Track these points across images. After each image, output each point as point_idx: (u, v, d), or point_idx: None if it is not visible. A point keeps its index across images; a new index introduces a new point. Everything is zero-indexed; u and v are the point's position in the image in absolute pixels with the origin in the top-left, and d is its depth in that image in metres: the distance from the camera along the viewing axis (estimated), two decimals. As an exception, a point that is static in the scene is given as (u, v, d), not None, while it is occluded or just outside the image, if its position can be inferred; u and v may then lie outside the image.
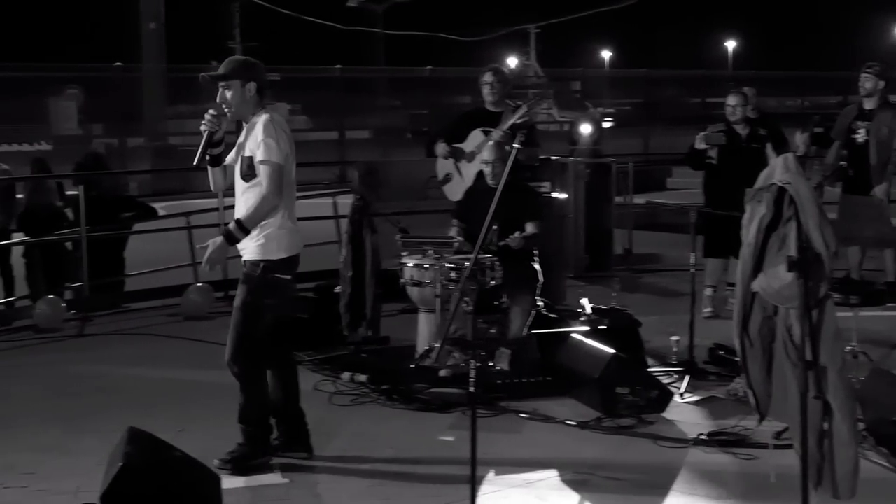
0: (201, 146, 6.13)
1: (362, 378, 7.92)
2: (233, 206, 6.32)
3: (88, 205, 11.17)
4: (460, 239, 8.14)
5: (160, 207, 13.05)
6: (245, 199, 6.14)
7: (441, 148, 9.54)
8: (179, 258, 11.88)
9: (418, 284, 8.02)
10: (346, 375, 8.07)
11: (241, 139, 6.25)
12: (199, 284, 11.14)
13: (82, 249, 11.20)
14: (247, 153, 6.12)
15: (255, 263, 6.14)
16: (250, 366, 6.22)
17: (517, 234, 8.11)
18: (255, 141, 6.05)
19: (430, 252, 8.02)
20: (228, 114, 6.16)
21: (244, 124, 6.25)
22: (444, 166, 9.64)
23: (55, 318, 10.39)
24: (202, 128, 6.08)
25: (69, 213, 12.20)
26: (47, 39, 58.89)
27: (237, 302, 6.21)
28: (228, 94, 6.15)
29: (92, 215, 11.28)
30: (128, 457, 5.11)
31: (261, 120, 6.10)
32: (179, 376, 8.41)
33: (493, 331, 8.01)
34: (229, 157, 6.37)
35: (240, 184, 6.21)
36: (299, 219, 6.35)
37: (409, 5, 44.28)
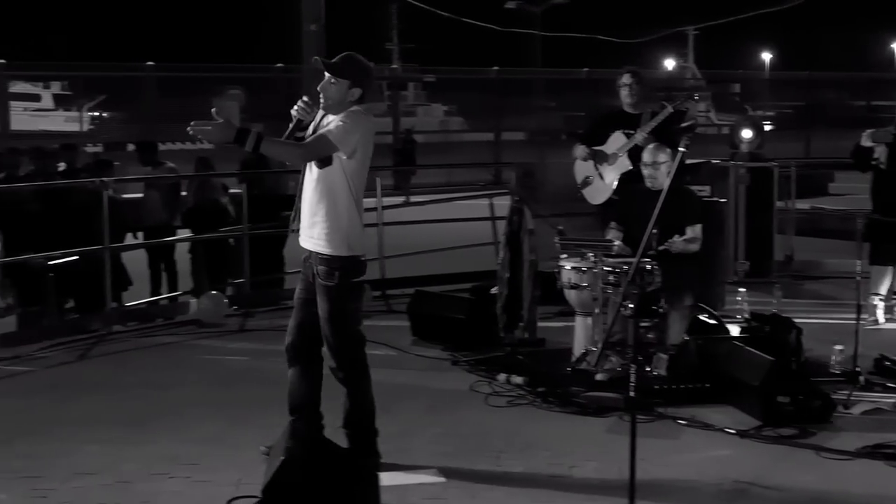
0: (288, 132, 6.00)
1: (518, 380, 7.90)
2: (390, 206, 6.33)
3: (250, 203, 11.43)
4: (619, 242, 8.06)
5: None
6: (317, 186, 5.95)
7: (580, 150, 9.47)
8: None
9: (576, 287, 7.97)
10: (502, 377, 8.06)
11: (319, 122, 6.04)
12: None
13: (244, 246, 11.46)
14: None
15: (329, 272, 5.92)
16: (358, 369, 6.13)
17: (677, 237, 8.00)
18: (334, 121, 5.90)
19: (589, 255, 7.95)
20: (323, 106, 6.00)
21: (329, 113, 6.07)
22: (582, 169, 9.56)
23: (217, 313, 10.65)
24: (293, 113, 5.95)
25: (232, 210, 12.51)
26: (212, 40, 60.48)
27: (323, 314, 6.00)
28: (332, 89, 5.95)
29: (254, 213, 11.54)
30: (290, 451, 5.21)
31: (346, 111, 5.94)
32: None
33: (651, 335, 7.93)
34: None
35: (311, 171, 6.01)
36: (456, 219, 6.36)
37: (567, 7, 44.08)
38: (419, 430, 6.94)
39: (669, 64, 54.33)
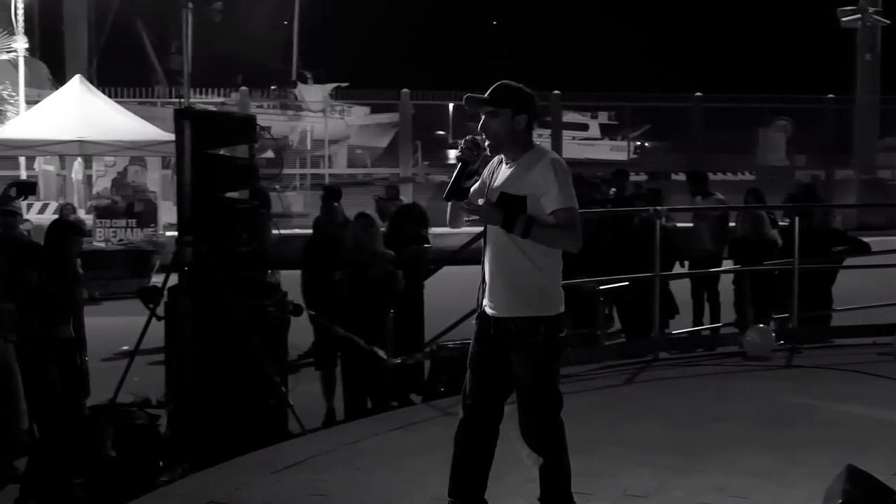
0: (454, 177, 5.49)
1: None
2: None
3: (799, 236, 11.21)
4: None
5: (869, 242, 12.74)
6: (510, 245, 5.36)
7: None
8: (890, 296, 11.52)
9: None
10: None
11: (502, 176, 5.45)
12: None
13: (793, 280, 11.24)
14: (525, 192, 5.32)
15: (533, 326, 5.37)
16: (560, 444, 5.59)
17: None
18: (544, 182, 5.29)
19: None
20: (488, 148, 5.44)
21: (507, 160, 5.48)
22: None
23: (764, 346, 10.50)
24: (457, 156, 5.53)
25: (779, 242, 12.32)
26: (760, 70, 59.97)
27: (524, 377, 5.43)
28: (493, 124, 5.39)
29: (801, 247, 11.29)
30: (847, 494, 5.04)
31: (547, 159, 5.36)
32: (892, 417, 8.11)
33: None
34: (474, 188, 5.56)
35: (497, 230, 5.41)
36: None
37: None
38: None
39: None
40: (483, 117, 5.42)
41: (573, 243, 5.31)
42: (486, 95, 5.41)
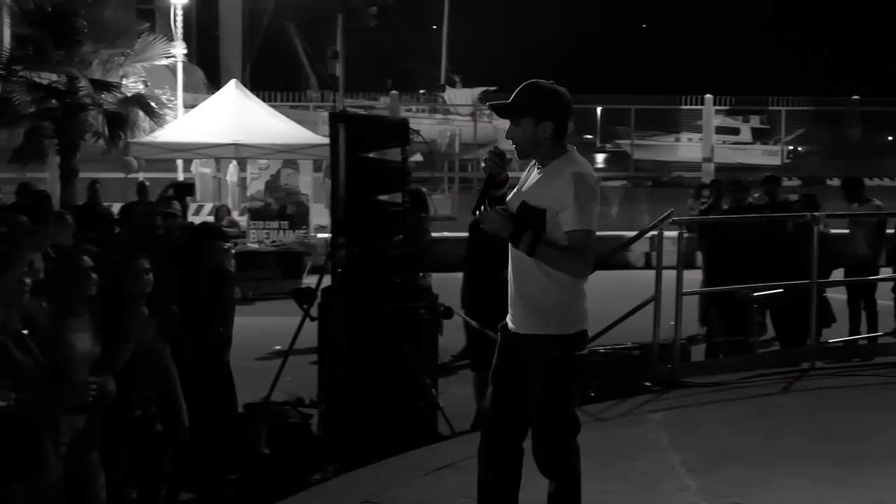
0: (482, 190, 5.15)
1: None
2: None
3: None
4: None
5: None
6: (528, 259, 5.00)
7: None
8: None
9: None
10: None
11: (529, 183, 5.15)
12: None
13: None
14: (545, 204, 4.99)
15: (546, 343, 5.00)
16: (572, 471, 5.11)
17: None
18: (564, 196, 4.93)
19: None
20: (518, 153, 5.15)
21: (537, 164, 5.16)
22: None
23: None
24: (482, 166, 5.25)
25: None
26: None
27: (537, 396, 5.03)
28: (518, 133, 5.07)
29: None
30: None
31: (569, 172, 4.97)
32: None
33: None
34: (510, 197, 5.22)
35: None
36: None
37: None
38: None
39: None
40: (510, 124, 5.11)
41: (579, 271, 4.98)
42: (508, 101, 5.09)
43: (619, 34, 75.21)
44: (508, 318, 5.21)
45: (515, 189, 5.20)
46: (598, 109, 34.03)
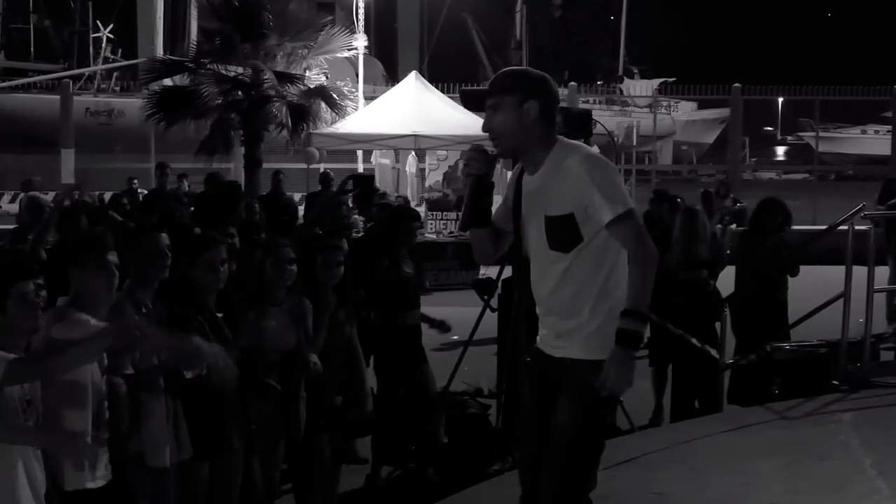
0: (467, 199, 4.39)
1: None
2: None
3: None
4: None
5: None
6: (565, 279, 4.29)
7: None
8: None
9: None
10: None
11: (529, 191, 4.39)
12: None
13: None
14: (568, 208, 4.25)
15: (592, 366, 4.28)
16: None
17: None
18: (584, 189, 4.19)
19: None
20: (499, 149, 4.39)
21: (528, 167, 4.40)
22: None
23: None
24: (461, 172, 4.52)
25: None
26: None
27: (566, 424, 4.34)
28: (496, 120, 4.32)
29: None
30: None
31: (574, 160, 4.24)
32: None
33: None
34: (496, 210, 4.53)
35: (546, 257, 4.35)
36: None
37: None
38: None
39: None
40: (486, 115, 4.40)
41: (651, 254, 4.26)
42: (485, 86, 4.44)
43: (802, 23, 73.36)
44: (539, 340, 4.58)
45: (502, 204, 4.58)
46: (780, 101, 33.17)
